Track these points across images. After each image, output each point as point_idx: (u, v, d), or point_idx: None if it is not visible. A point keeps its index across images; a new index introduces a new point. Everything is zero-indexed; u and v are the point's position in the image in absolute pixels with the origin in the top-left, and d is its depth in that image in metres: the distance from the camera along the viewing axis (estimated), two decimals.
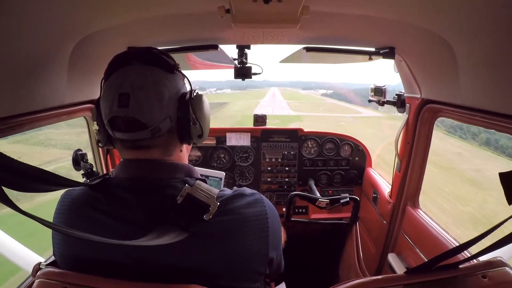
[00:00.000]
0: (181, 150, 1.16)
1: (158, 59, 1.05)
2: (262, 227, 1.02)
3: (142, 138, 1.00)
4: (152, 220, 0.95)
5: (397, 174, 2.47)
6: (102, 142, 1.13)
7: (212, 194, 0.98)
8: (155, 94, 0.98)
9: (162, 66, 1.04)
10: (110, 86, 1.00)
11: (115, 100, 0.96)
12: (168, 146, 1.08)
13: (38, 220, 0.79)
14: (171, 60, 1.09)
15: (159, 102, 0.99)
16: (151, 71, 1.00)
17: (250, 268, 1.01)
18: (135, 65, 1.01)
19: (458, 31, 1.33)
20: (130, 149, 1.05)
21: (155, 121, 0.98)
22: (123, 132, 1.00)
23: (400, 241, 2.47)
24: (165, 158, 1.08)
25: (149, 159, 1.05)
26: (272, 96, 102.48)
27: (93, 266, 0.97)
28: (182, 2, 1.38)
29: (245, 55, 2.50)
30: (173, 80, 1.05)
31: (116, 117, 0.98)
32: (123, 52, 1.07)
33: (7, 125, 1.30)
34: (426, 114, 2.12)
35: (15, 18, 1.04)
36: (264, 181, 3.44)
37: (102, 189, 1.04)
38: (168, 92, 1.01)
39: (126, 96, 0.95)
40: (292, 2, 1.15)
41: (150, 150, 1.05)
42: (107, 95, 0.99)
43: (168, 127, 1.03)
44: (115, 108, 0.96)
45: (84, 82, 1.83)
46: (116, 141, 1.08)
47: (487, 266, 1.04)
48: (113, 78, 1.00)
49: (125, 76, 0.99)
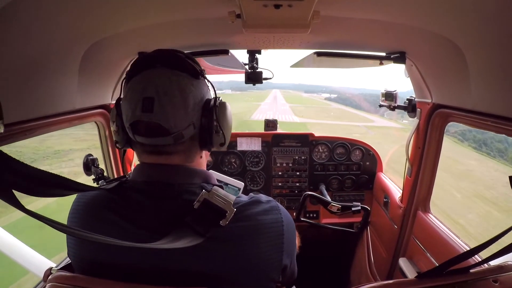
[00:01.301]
0: (201, 156, 1.14)
1: (184, 64, 1.02)
2: (278, 234, 1.01)
3: (164, 144, 0.99)
4: (168, 225, 0.94)
5: (408, 178, 2.46)
6: (120, 143, 1.12)
7: (229, 200, 0.97)
8: (181, 100, 0.96)
9: (188, 71, 1.02)
10: (133, 89, 0.98)
11: (139, 104, 0.94)
12: (190, 153, 1.07)
13: (50, 223, 0.78)
14: (197, 65, 1.07)
15: (184, 109, 0.97)
16: (177, 76, 0.98)
17: (264, 275, 1.00)
18: (160, 69, 0.98)
19: (469, 36, 1.33)
20: (151, 154, 1.04)
21: (179, 128, 0.97)
22: (145, 136, 0.98)
23: (411, 245, 2.45)
24: (186, 164, 1.07)
25: (170, 164, 1.04)
26: (273, 99, 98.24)
27: (107, 269, 0.96)
28: (193, 7, 1.38)
29: (256, 60, 2.51)
30: (198, 86, 1.03)
31: (138, 121, 0.97)
32: (148, 54, 1.05)
33: (18, 130, 1.31)
34: (437, 118, 2.11)
35: (27, 23, 1.05)
36: (275, 185, 3.45)
37: (118, 192, 1.02)
38: (193, 99, 0.99)
39: (150, 100, 0.93)
40: (302, 7, 1.15)
41: (172, 156, 1.03)
42: (130, 98, 0.97)
43: (191, 134, 1.02)
44: (138, 112, 0.94)
45: (95, 87, 1.85)
46: (136, 144, 1.06)
47: (498, 271, 1.04)
48: (136, 80, 0.98)
49: (149, 79, 0.97)
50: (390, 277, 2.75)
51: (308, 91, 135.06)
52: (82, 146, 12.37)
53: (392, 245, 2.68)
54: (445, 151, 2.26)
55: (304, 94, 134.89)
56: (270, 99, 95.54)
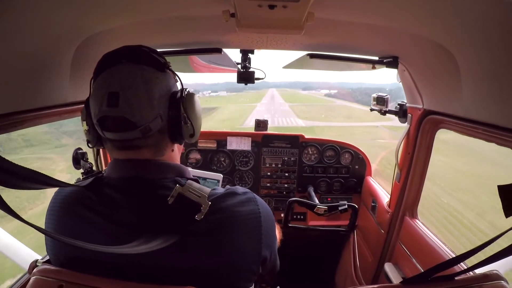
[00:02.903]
0: (172, 149, 1.14)
1: (148, 58, 1.03)
2: (255, 225, 1.01)
3: (132, 138, 0.99)
4: (144, 221, 0.94)
5: (396, 184, 2.47)
6: (92, 142, 1.12)
7: (203, 193, 0.97)
8: (145, 93, 0.97)
9: (152, 64, 1.02)
10: (99, 85, 0.98)
11: (104, 99, 0.94)
12: (160, 146, 1.07)
13: (32, 226, 0.80)
14: (162, 58, 1.07)
15: (150, 101, 0.97)
16: (141, 70, 0.99)
17: (243, 267, 1.00)
18: (125, 64, 0.99)
19: (461, 42, 1.33)
20: (121, 149, 1.03)
21: (146, 120, 0.97)
22: (112, 132, 0.98)
23: (397, 250, 2.46)
24: (157, 158, 1.07)
25: (140, 159, 1.04)
26: (270, 99, 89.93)
27: (86, 266, 0.96)
28: (187, 4, 1.38)
29: (249, 59, 2.51)
30: (163, 78, 1.04)
31: (105, 116, 0.96)
32: (113, 51, 1.05)
33: (8, 122, 1.30)
34: (427, 125, 2.12)
35: (18, 17, 1.04)
36: (263, 186, 3.45)
37: (94, 188, 1.02)
38: (158, 91, 1.00)
39: (115, 95, 0.94)
40: (297, 8, 1.15)
41: (141, 150, 1.03)
42: (96, 95, 0.98)
43: (159, 126, 1.01)
44: (104, 107, 0.94)
45: (87, 81, 1.80)
46: (106, 141, 1.06)
47: (483, 279, 1.04)
48: (102, 77, 0.99)
49: (114, 75, 0.97)
50: (375, 281, 2.76)
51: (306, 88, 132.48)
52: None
53: (378, 250, 2.69)
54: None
55: (302, 91, 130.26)
56: (266, 99, 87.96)
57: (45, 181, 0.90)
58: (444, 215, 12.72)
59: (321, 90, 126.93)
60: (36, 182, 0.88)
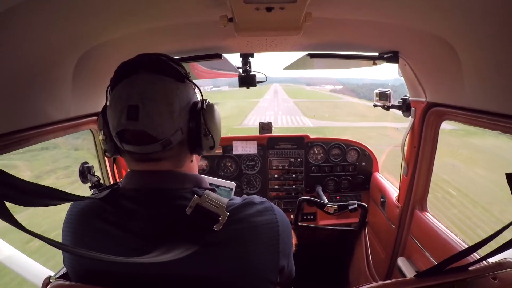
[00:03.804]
0: (191, 160, 1.12)
1: (168, 68, 1.00)
2: (273, 235, 1.00)
3: (152, 152, 0.97)
4: (161, 233, 0.93)
5: (404, 178, 2.46)
6: (109, 152, 1.10)
7: (221, 204, 0.95)
8: (166, 106, 0.94)
9: (172, 74, 0.99)
10: (118, 96, 0.95)
11: (124, 112, 0.92)
12: (179, 158, 1.05)
13: (46, 240, 0.78)
14: (182, 69, 1.05)
15: (170, 115, 0.95)
16: (162, 81, 0.96)
17: (261, 277, 0.98)
18: (143, 74, 0.96)
19: (461, 34, 1.33)
20: (140, 162, 1.02)
21: (166, 134, 0.95)
22: (132, 145, 0.96)
23: (409, 245, 2.45)
24: (176, 169, 1.05)
25: (160, 170, 1.02)
26: (274, 94, 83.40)
27: (103, 277, 0.95)
28: (185, 12, 1.38)
29: (249, 63, 2.52)
30: (183, 90, 1.01)
31: (124, 130, 0.94)
32: (130, 60, 1.02)
33: (12, 140, 1.30)
34: (431, 117, 2.12)
35: (18, 32, 1.04)
36: (271, 188, 3.45)
37: (110, 200, 1.01)
38: (179, 103, 0.97)
39: (135, 108, 0.91)
40: (294, 9, 1.15)
41: (160, 162, 1.01)
42: (114, 106, 0.95)
43: (179, 139, 1.00)
44: (123, 120, 0.92)
45: (89, 94, 1.84)
46: (124, 153, 1.04)
47: (497, 267, 1.04)
48: (120, 87, 0.96)
49: (133, 86, 0.94)
50: (388, 277, 2.75)
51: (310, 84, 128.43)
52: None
53: (390, 245, 2.68)
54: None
55: (306, 87, 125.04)
56: (270, 95, 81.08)
57: (61, 196, 0.90)
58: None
59: (325, 86, 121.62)
60: (52, 198, 0.87)
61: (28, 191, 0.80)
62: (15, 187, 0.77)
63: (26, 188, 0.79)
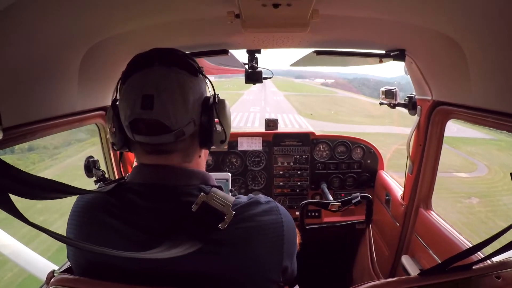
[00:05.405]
0: (200, 155, 1.13)
1: (182, 61, 1.02)
2: (278, 235, 1.01)
3: (164, 142, 0.98)
4: (166, 228, 0.93)
5: (409, 176, 2.46)
6: (117, 145, 1.09)
7: (227, 202, 0.96)
8: (181, 96, 0.96)
9: (186, 68, 1.01)
10: (132, 87, 0.96)
11: (138, 101, 0.92)
12: (189, 151, 1.06)
13: (50, 233, 0.78)
14: (195, 63, 1.06)
15: (184, 105, 0.96)
16: (176, 73, 0.97)
17: (264, 276, 0.99)
18: (158, 67, 0.97)
19: (468, 32, 1.33)
20: (151, 154, 1.02)
21: (180, 124, 0.96)
22: (145, 135, 0.97)
23: (413, 243, 2.46)
24: (184, 165, 1.05)
25: (168, 165, 1.02)
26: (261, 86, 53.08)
27: (107, 271, 0.95)
28: (192, 7, 1.38)
29: (256, 59, 2.51)
30: (196, 83, 1.02)
31: (138, 119, 0.95)
32: (145, 53, 1.03)
33: (18, 134, 1.30)
34: (437, 116, 2.11)
35: (25, 27, 1.05)
36: (276, 185, 3.45)
37: (116, 194, 1.01)
38: (192, 95, 0.99)
39: (150, 97, 0.92)
40: (301, 6, 1.15)
41: (171, 155, 1.02)
42: (128, 96, 0.96)
43: (191, 131, 1.01)
44: (137, 109, 0.93)
45: (95, 88, 1.85)
46: (135, 145, 1.05)
47: (501, 267, 1.04)
48: (134, 78, 0.97)
49: (148, 77, 0.96)
50: (392, 274, 2.75)
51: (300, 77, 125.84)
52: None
53: (394, 243, 2.68)
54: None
55: (296, 80, 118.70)
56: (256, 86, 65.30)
57: (65, 189, 0.91)
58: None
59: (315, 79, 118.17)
60: (56, 191, 0.88)
61: (34, 184, 0.81)
62: (21, 181, 0.78)
63: (32, 181, 0.80)
